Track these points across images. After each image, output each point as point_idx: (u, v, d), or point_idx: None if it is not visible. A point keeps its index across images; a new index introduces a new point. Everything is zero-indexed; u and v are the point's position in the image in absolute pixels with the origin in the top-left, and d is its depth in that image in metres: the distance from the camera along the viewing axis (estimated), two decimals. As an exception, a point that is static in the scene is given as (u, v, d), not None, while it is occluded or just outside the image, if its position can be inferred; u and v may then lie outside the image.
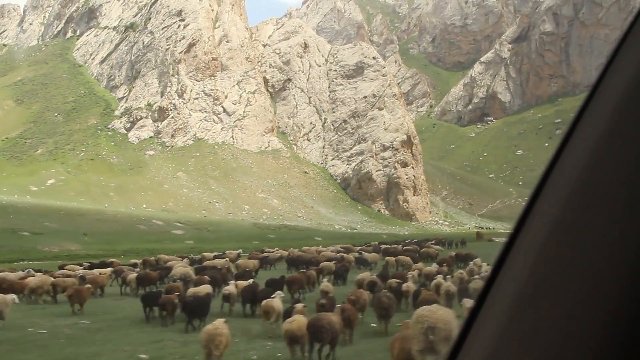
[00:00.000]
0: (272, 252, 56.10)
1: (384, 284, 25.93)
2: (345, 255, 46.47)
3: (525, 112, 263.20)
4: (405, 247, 58.58)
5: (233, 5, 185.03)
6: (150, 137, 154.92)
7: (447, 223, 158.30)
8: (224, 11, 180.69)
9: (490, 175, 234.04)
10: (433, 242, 72.52)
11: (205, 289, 23.81)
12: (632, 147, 1.18)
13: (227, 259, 45.83)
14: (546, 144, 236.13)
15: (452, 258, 44.19)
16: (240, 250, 56.41)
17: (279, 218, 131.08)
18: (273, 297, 20.05)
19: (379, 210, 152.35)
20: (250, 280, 26.56)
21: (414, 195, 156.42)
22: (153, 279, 31.86)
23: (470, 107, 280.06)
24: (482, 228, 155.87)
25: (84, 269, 39.98)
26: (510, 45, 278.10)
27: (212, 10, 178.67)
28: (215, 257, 48.13)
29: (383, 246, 62.44)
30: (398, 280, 25.49)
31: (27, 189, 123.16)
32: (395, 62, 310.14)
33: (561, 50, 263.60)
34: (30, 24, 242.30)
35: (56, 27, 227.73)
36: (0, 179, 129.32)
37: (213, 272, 32.26)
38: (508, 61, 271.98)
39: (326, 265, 35.91)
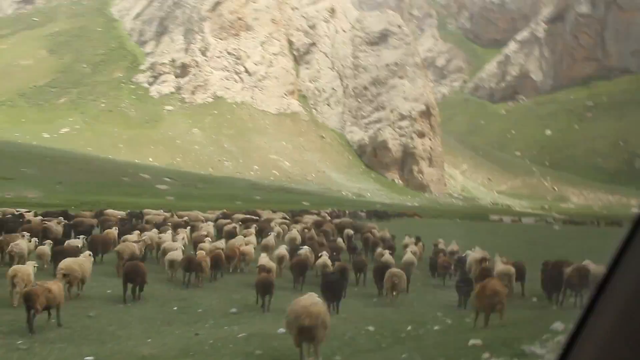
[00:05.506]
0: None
1: None
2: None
3: (557, 93, 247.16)
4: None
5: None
6: (171, 93, 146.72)
7: (461, 197, 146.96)
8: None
9: (516, 153, 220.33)
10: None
11: None
12: None
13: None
14: (576, 126, 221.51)
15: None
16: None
17: (287, 180, 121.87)
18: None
19: (392, 180, 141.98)
20: None
21: (430, 167, 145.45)
22: None
23: (502, 84, 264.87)
24: (497, 204, 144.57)
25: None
26: (546, 25, 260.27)
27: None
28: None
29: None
30: None
31: (39, 135, 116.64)
32: (432, 36, 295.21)
33: (597, 34, 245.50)
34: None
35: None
36: (17, 124, 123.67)
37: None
38: (543, 41, 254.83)
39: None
